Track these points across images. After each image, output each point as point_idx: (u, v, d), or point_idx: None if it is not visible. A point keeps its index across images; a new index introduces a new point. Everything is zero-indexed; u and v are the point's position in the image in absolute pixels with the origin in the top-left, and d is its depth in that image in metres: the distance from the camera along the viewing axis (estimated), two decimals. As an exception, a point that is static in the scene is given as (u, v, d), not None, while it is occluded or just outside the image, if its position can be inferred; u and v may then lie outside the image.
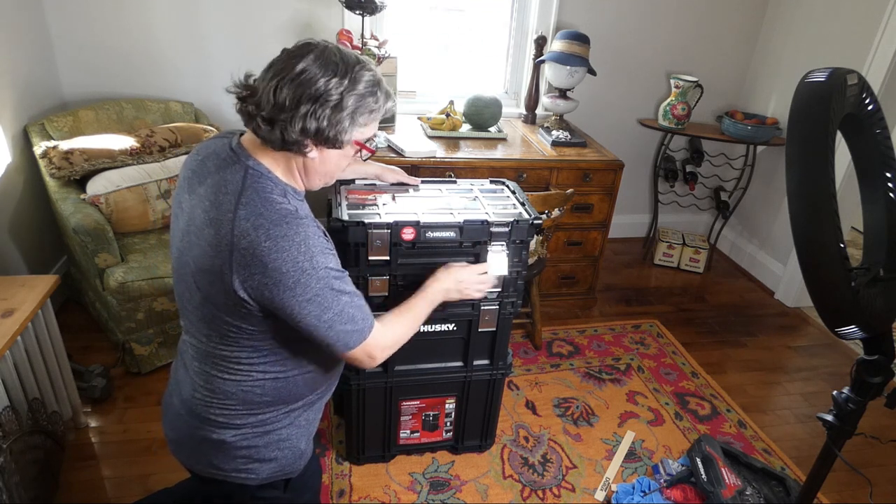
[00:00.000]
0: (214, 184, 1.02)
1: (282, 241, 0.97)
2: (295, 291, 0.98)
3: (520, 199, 1.80)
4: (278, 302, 0.99)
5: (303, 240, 0.99)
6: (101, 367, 2.16)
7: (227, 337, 1.06)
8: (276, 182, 1.04)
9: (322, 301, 1.01)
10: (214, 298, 1.02)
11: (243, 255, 0.97)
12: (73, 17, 2.60)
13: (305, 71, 0.96)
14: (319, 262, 1.00)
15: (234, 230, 0.97)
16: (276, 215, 0.98)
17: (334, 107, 0.99)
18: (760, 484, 2.00)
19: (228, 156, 1.04)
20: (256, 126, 1.00)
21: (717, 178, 3.59)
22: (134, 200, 2.29)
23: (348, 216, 1.58)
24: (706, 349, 2.80)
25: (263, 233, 0.96)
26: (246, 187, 1.00)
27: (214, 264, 0.99)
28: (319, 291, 1.01)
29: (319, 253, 1.01)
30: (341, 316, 1.05)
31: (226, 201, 0.99)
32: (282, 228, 0.97)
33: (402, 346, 1.77)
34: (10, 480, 1.49)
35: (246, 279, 0.98)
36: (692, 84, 3.14)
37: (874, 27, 2.69)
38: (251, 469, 1.15)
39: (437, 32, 3.15)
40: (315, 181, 1.11)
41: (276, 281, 0.97)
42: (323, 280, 1.01)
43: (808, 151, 0.97)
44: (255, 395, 1.11)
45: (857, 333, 1.09)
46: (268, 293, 0.98)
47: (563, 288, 2.96)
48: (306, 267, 0.98)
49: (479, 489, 1.96)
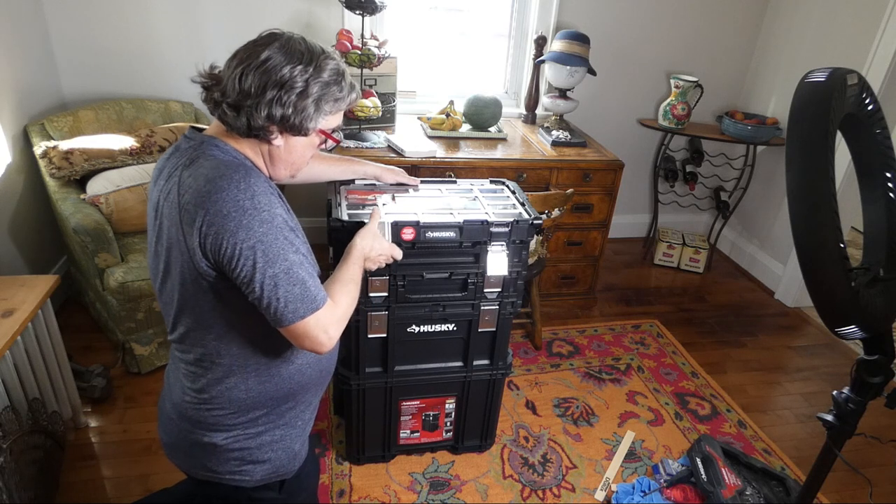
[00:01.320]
0: (171, 165, 1.04)
1: (220, 180, 0.95)
2: (238, 236, 0.94)
3: (520, 199, 1.81)
4: (224, 254, 0.95)
5: (243, 178, 0.96)
6: (101, 367, 2.16)
7: (204, 329, 1.05)
8: (232, 150, 1.03)
9: (267, 250, 0.96)
10: (183, 275, 1.01)
11: (187, 210, 0.95)
12: (73, 18, 2.60)
13: (270, 59, 0.97)
14: (262, 203, 0.96)
15: (180, 190, 0.97)
16: (217, 162, 0.98)
17: (300, 93, 0.99)
18: (760, 484, 2.00)
19: (185, 142, 1.06)
20: (222, 113, 1.01)
21: (717, 178, 3.59)
22: (134, 200, 2.29)
23: (348, 216, 1.58)
24: (706, 349, 2.80)
25: (203, 179, 0.96)
26: (195, 152, 1.01)
27: (173, 235, 0.99)
28: (263, 237, 0.95)
29: (263, 193, 0.97)
30: (289, 275, 0.98)
31: (175, 172, 1.01)
32: (220, 170, 0.96)
33: (402, 347, 1.80)
34: (10, 480, 1.49)
35: (195, 235, 0.95)
36: (692, 84, 3.14)
37: (874, 27, 2.69)
38: (245, 471, 1.15)
39: (437, 32, 3.15)
40: (280, 170, 1.10)
41: (220, 227, 0.94)
42: (267, 223, 0.96)
43: (808, 151, 0.97)
44: (241, 391, 1.09)
45: (857, 333, 1.09)
46: (215, 245, 0.95)
47: (563, 288, 2.96)
48: (247, 206, 0.94)
49: (479, 489, 1.96)
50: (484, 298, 1.77)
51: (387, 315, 1.72)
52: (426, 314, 1.76)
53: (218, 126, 1.06)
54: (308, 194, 3.11)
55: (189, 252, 0.97)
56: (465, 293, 1.75)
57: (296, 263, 1.00)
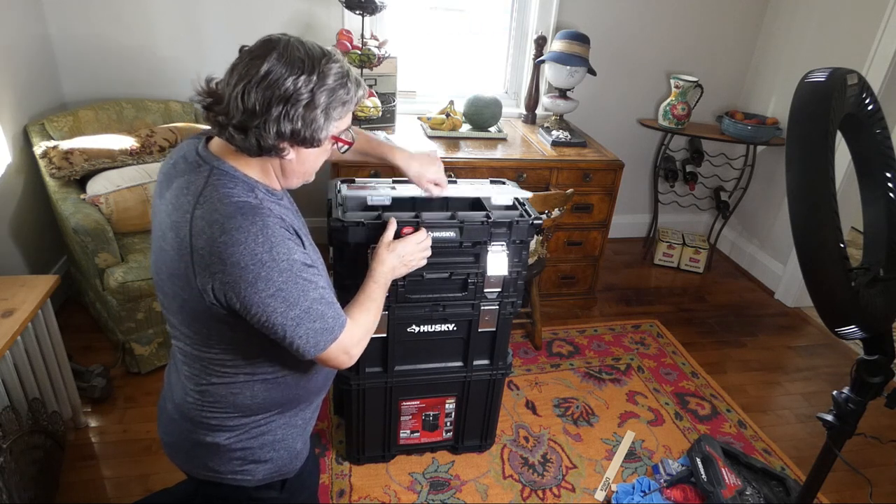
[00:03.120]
0: (178, 186, 1.00)
1: (236, 233, 0.92)
2: (257, 287, 0.94)
3: (520, 199, 1.80)
4: (242, 301, 0.95)
5: (260, 230, 0.93)
6: (101, 367, 2.16)
7: (209, 340, 1.03)
8: (242, 180, 1.00)
9: (287, 296, 0.96)
10: (190, 303, 0.99)
11: (202, 255, 0.93)
12: (73, 18, 2.60)
13: (271, 72, 0.92)
14: (280, 253, 0.95)
15: (192, 230, 0.94)
16: (232, 208, 0.94)
17: (307, 105, 0.95)
18: (760, 484, 2.00)
19: (195, 159, 1.01)
20: (230, 136, 0.96)
21: (717, 178, 3.59)
22: (134, 200, 2.29)
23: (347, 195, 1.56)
24: (706, 349, 2.80)
25: (218, 227, 0.92)
26: (206, 186, 0.96)
27: (180, 268, 0.96)
28: (283, 285, 0.95)
29: (280, 243, 0.95)
30: (309, 313, 0.99)
31: (185, 202, 0.96)
32: (236, 220, 0.93)
33: (402, 347, 1.80)
34: (10, 480, 1.49)
35: (209, 281, 0.94)
36: (692, 84, 3.14)
37: (874, 27, 2.69)
38: (247, 470, 1.15)
39: (437, 32, 3.15)
40: (293, 181, 1.08)
41: (238, 277, 0.93)
42: (286, 272, 0.96)
43: (808, 151, 0.97)
44: (246, 398, 1.09)
45: (857, 333, 1.09)
46: (232, 293, 0.94)
47: (563, 288, 2.96)
48: (265, 259, 0.93)
49: (479, 489, 1.96)
50: (484, 298, 1.77)
51: (387, 315, 1.72)
52: (426, 314, 1.76)
53: (224, 144, 1.02)
54: (308, 194, 3.11)
55: (199, 289, 0.96)
56: (465, 293, 1.75)
57: (316, 300, 1.00)
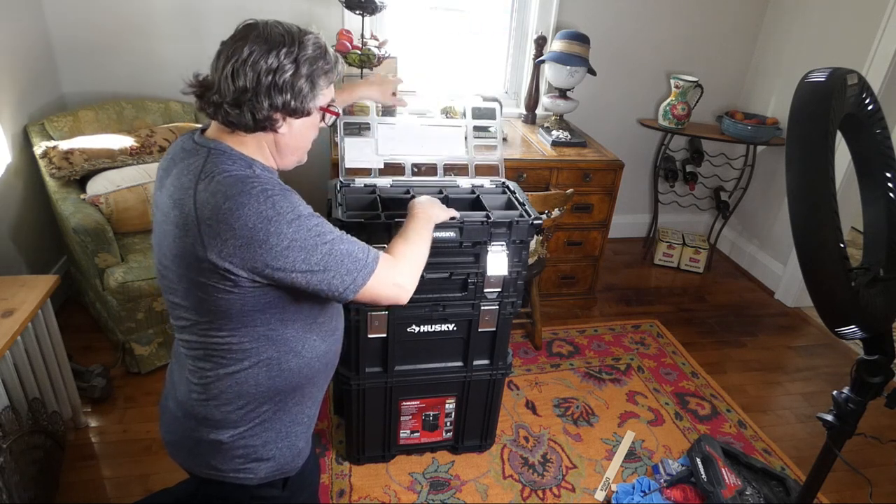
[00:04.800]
0: (178, 171, 1.04)
1: (240, 197, 0.96)
2: (270, 243, 0.97)
3: (520, 199, 1.80)
4: (261, 263, 0.98)
5: (261, 191, 0.98)
6: (101, 367, 2.16)
7: (216, 321, 1.05)
8: (240, 157, 1.04)
9: (303, 244, 0.99)
10: (197, 282, 1.01)
11: (209, 224, 0.96)
12: (73, 17, 2.60)
13: (254, 50, 0.99)
14: (284, 207, 0.98)
15: (196, 203, 0.98)
16: (232, 179, 0.99)
17: (292, 74, 1.01)
18: (760, 484, 2.00)
19: (192, 146, 1.06)
20: (225, 113, 1.01)
21: (717, 178, 3.59)
22: (134, 200, 2.29)
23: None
24: (706, 349, 2.80)
25: (221, 196, 0.97)
26: (206, 164, 1.01)
27: (185, 245, 0.99)
28: (295, 234, 0.98)
29: (283, 198, 0.99)
30: (333, 254, 1.02)
31: (187, 181, 1.01)
32: (237, 187, 0.97)
33: (402, 347, 1.80)
34: (10, 480, 1.49)
35: (222, 249, 0.97)
36: (692, 84, 3.14)
37: (874, 27, 2.69)
38: (249, 469, 1.15)
39: (437, 32, 3.15)
40: (288, 157, 1.12)
41: (250, 239, 0.96)
42: (294, 222, 0.99)
43: (808, 151, 0.97)
44: (250, 386, 1.10)
45: (857, 333, 1.09)
46: (248, 256, 0.97)
47: (563, 288, 2.96)
48: (271, 214, 0.97)
49: (479, 489, 1.96)
50: (484, 298, 1.77)
51: (387, 315, 1.72)
52: (426, 314, 1.76)
53: (218, 128, 1.06)
54: (308, 194, 3.11)
55: (209, 263, 0.98)
56: (465, 293, 1.75)
57: (335, 240, 1.03)
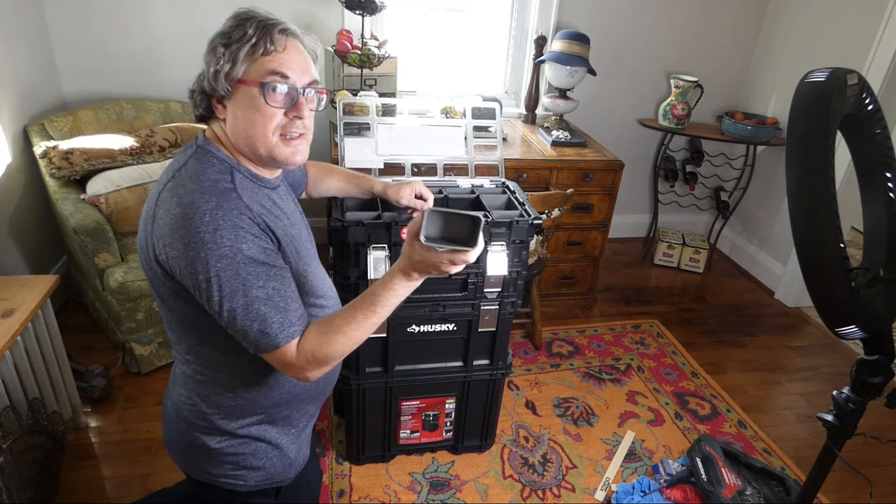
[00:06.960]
0: (168, 163, 1.03)
1: (188, 208, 0.89)
2: (195, 267, 0.90)
3: (520, 199, 1.80)
4: (184, 279, 0.92)
5: (211, 209, 0.90)
6: (101, 367, 2.16)
7: (186, 335, 1.03)
8: (224, 160, 0.99)
9: (223, 285, 0.91)
10: (156, 281, 0.98)
11: (159, 225, 0.92)
12: (73, 18, 2.60)
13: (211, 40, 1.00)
14: (224, 238, 0.90)
15: (158, 200, 0.94)
16: (196, 185, 0.93)
17: (209, 51, 0.98)
18: (760, 484, 2.00)
19: (190, 143, 1.04)
20: (193, 105, 1.03)
21: (717, 178, 3.59)
22: (134, 200, 2.29)
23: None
24: (706, 349, 2.80)
25: (176, 200, 0.91)
26: (186, 163, 0.98)
27: (143, 239, 0.97)
28: (221, 273, 0.90)
29: (229, 228, 0.90)
30: (248, 311, 0.93)
31: (164, 177, 0.99)
32: (194, 196, 0.91)
33: (402, 346, 1.80)
34: (10, 480, 1.49)
35: (161, 252, 0.93)
36: (692, 84, 3.14)
37: (874, 27, 2.69)
38: (239, 476, 1.14)
39: (437, 32, 3.15)
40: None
41: (180, 253, 0.90)
42: (225, 259, 0.90)
43: (808, 151, 0.97)
44: (228, 399, 1.08)
45: (857, 333, 1.09)
46: (176, 266, 0.91)
47: (563, 288, 2.96)
48: (207, 240, 0.88)
49: (479, 489, 1.95)
50: (484, 298, 1.77)
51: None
52: (426, 314, 1.76)
53: (210, 129, 1.05)
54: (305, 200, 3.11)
55: (153, 259, 0.95)
56: (465, 293, 1.75)
57: (257, 299, 0.93)
